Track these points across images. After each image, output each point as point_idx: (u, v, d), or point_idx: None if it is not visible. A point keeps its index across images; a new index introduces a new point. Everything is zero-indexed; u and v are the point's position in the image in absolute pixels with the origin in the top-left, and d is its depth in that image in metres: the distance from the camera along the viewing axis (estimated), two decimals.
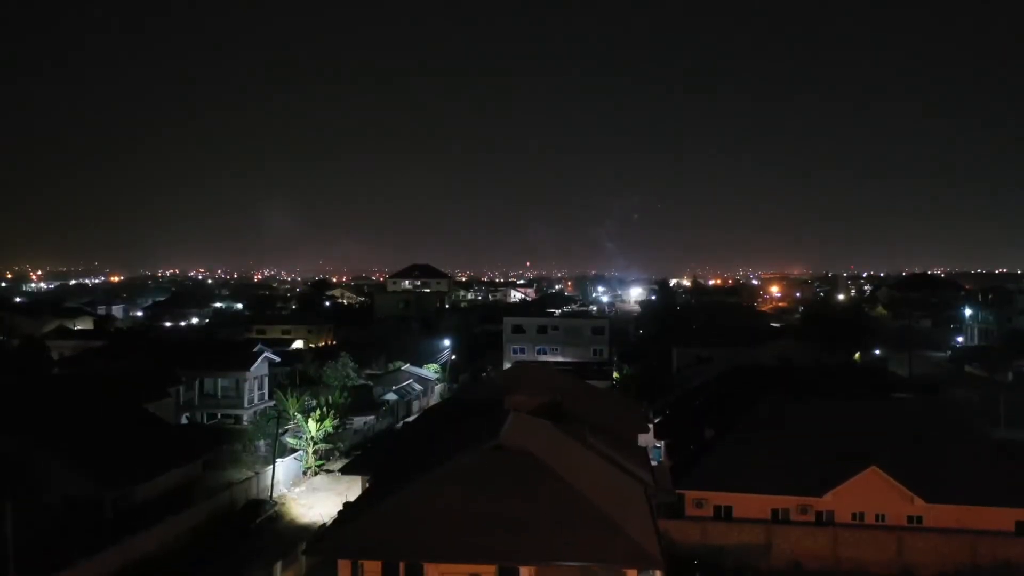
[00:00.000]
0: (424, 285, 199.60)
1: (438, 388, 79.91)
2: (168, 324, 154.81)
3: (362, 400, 74.21)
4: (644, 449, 39.44)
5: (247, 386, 63.47)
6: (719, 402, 45.92)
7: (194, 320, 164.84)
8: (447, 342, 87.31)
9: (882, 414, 39.94)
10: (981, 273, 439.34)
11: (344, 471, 35.37)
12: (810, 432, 37.95)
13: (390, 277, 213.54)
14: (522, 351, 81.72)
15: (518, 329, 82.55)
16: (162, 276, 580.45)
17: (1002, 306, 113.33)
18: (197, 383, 64.16)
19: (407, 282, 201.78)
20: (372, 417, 68.05)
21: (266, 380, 66.57)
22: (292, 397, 57.29)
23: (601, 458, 32.45)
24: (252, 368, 63.38)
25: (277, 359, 69.20)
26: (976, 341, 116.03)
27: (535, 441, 30.36)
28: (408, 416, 72.15)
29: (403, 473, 31.11)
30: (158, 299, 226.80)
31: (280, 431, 50.35)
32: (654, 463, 48.89)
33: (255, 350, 65.88)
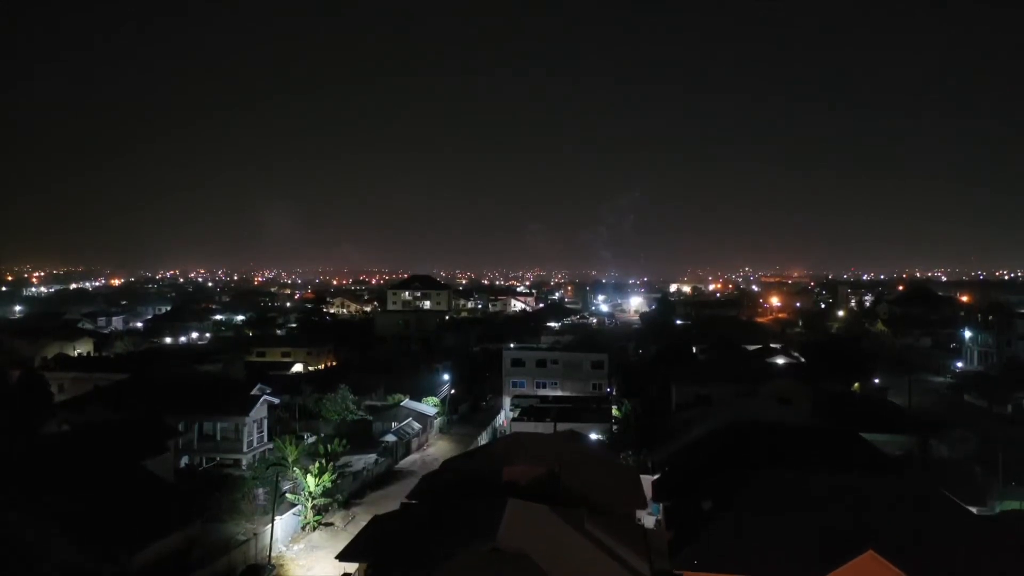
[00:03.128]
0: (424, 297, 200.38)
1: (437, 422, 79.92)
2: (168, 340, 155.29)
3: (361, 436, 74.42)
4: (642, 528, 39.42)
5: (246, 430, 63.49)
6: (717, 466, 45.91)
7: (194, 334, 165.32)
8: (446, 376, 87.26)
9: (880, 490, 39.87)
10: (981, 280, 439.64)
11: (341, 558, 35.36)
12: (807, 510, 37.86)
13: (390, 288, 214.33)
14: (521, 384, 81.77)
15: (517, 363, 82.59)
16: (162, 278, 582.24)
17: (1002, 329, 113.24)
18: (196, 426, 64.36)
19: (407, 293, 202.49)
20: (372, 456, 68.02)
21: (265, 422, 66.62)
22: (291, 444, 57.27)
23: (598, 548, 32.45)
24: (251, 413, 63.38)
25: (276, 401, 69.23)
26: (976, 364, 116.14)
27: (532, 538, 30.39)
28: (407, 454, 72.20)
29: (400, 566, 31.25)
30: (159, 308, 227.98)
31: (280, 492, 50.28)
32: (653, 518, 49.05)
33: (254, 393, 65.90)
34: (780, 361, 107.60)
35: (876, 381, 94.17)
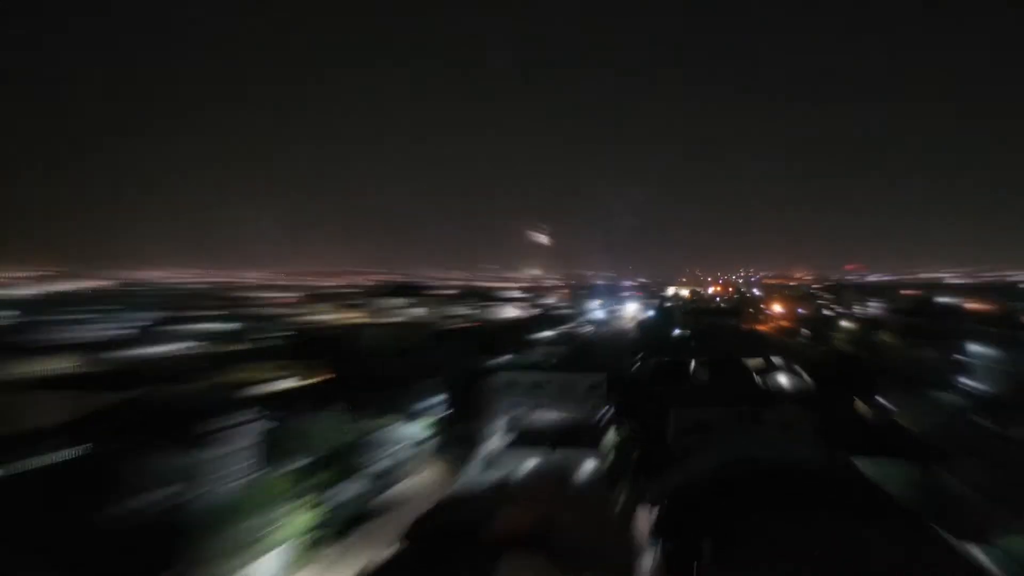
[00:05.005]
0: (416, 304, 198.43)
1: (428, 446, 77.62)
2: (149, 351, 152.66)
3: (351, 461, 72.05)
4: None
5: (231, 460, 60.91)
6: (716, 509, 44.12)
7: (177, 346, 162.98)
8: (437, 398, 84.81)
9: (878, 536, 38.11)
10: (989, 282, 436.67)
11: None
12: (805, 559, 36.07)
13: (381, 295, 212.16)
14: (515, 407, 79.55)
15: (511, 384, 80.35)
16: (142, 281, 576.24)
17: (1011, 345, 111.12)
18: (178, 456, 61.73)
19: (398, 300, 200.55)
20: (362, 485, 65.78)
21: (251, 450, 64.01)
22: (279, 476, 55.05)
23: None
24: (237, 442, 60.92)
25: (263, 427, 66.87)
26: (984, 381, 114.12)
27: None
28: (399, 482, 69.88)
29: None
30: (139, 316, 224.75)
31: (267, 531, 48.13)
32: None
33: (240, 420, 63.46)
34: (782, 379, 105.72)
35: (881, 400, 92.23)
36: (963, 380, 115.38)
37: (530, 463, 63.13)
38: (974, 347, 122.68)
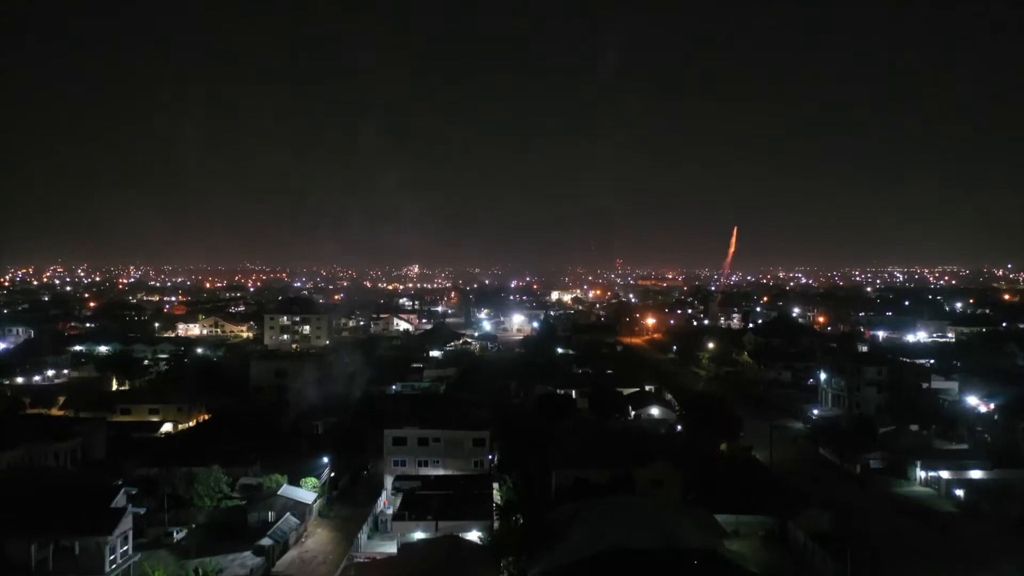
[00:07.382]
0: (303, 322, 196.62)
1: (316, 506, 78.20)
2: (20, 380, 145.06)
3: (235, 526, 71.75)
4: None
5: (108, 548, 59.83)
6: None
7: (50, 372, 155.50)
8: (325, 459, 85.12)
9: None
10: (837, 285, 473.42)
11: None
12: None
13: (267, 314, 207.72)
14: (403, 463, 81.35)
15: (399, 441, 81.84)
16: (12, 277, 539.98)
17: (852, 375, 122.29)
18: (52, 544, 60.12)
19: (285, 318, 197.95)
20: (247, 556, 65.89)
21: (130, 534, 63.02)
22: (160, 571, 54.84)
23: None
24: (115, 531, 59.79)
25: (142, 510, 65.70)
26: (830, 406, 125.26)
27: None
28: (285, 551, 70.26)
29: None
30: (10, 329, 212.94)
31: None
32: None
33: (118, 506, 62.11)
34: (655, 412, 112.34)
35: (742, 438, 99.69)
36: (810, 408, 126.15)
37: (415, 536, 65.29)
38: (819, 373, 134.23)
